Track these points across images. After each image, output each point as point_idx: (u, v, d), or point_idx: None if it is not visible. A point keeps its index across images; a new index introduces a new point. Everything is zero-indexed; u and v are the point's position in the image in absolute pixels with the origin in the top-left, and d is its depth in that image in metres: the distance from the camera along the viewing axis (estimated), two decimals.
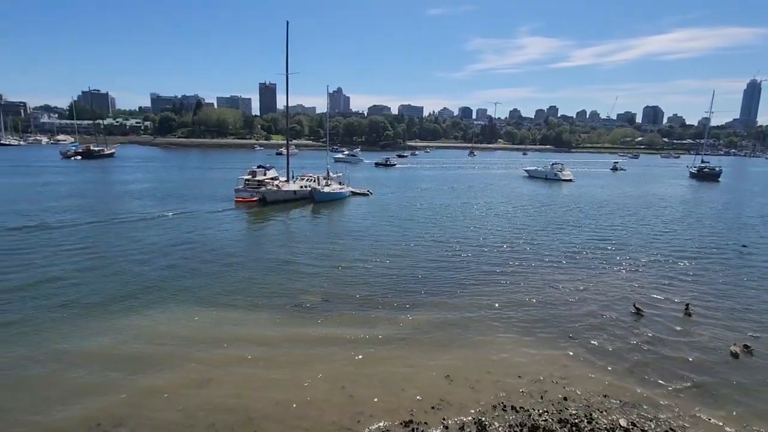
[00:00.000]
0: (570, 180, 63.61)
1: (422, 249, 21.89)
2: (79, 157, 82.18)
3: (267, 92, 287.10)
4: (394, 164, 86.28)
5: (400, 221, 29.44)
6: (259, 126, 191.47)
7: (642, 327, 13.33)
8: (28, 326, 12.23)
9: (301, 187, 38.23)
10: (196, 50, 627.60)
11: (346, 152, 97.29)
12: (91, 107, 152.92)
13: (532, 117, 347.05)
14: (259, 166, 40.90)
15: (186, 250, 20.66)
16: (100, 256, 19.11)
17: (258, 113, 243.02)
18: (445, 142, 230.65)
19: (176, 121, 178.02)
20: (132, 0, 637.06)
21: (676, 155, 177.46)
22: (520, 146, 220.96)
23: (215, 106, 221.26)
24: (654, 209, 37.88)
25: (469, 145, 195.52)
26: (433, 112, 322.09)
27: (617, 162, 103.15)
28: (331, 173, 42.41)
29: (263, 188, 35.81)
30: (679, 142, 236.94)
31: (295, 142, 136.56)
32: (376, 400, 9.22)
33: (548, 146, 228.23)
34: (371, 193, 42.85)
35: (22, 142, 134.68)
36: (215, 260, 19.21)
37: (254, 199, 35.27)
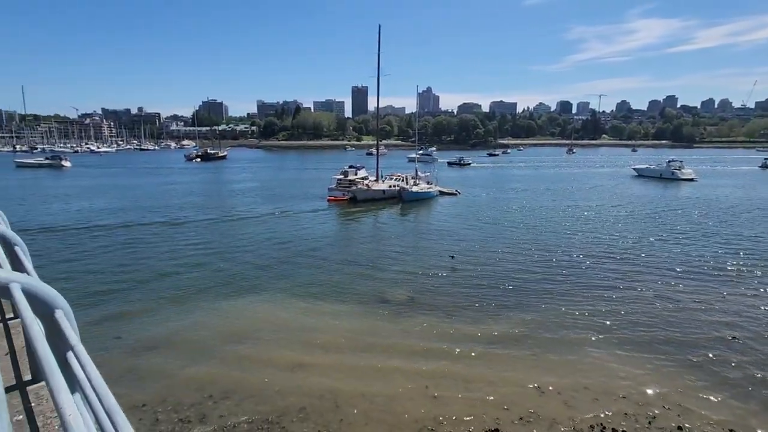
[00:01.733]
0: (691, 179, 55.31)
1: (513, 253, 20.84)
2: (198, 160, 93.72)
3: (359, 95, 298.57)
4: (469, 163, 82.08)
5: (489, 223, 28.44)
6: (351, 128, 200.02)
7: None
8: (152, 309, 14.20)
9: (390, 186, 38.96)
10: (295, 58, 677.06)
11: (420, 151, 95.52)
12: (209, 115, 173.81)
13: (644, 109, 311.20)
14: (350, 166, 42.65)
15: (282, 245, 22.27)
16: (211, 250, 21.19)
17: (350, 115, 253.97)
18: (541, 139, 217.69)
19: (278, 125, 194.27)
20: (236, 18, 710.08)
21: None
22: (629, 142, 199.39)
23: (312, 110, 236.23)
24: None
25: (568, 141, 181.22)
26: (528, 108, 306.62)
27: None
28: (419, 173, 42.59)
29: (354, 187, 37.23)
30: None
31: (384, 142, 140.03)
32: (459, 404, 9.02)
33: (664, 141, 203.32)
34: (459, 193, 42.10)
35: (156, 147, 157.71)
36: (308, 255, 20.43)
37: (345, 197, 36.83)
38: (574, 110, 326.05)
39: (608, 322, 13.02)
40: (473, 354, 11.16)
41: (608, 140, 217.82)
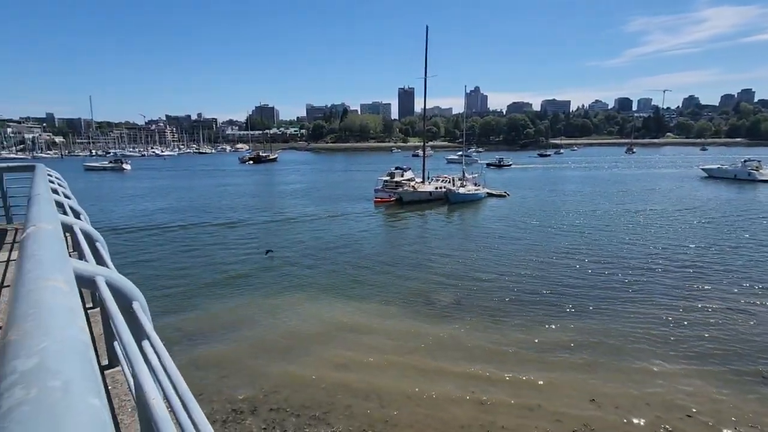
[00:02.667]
0: None
1: (566, 260, 19.91)
2: (251, 162, 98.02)
3: (405, 96, 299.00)
4: (509, 164, 78.36)
5: (539, 227, 27.36)
6: (398, 129, 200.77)
7: None
8: (207, 307, 14.99)
9: (437, 188, 38.64)
10: (342, 61, 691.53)
11: (459, 153, 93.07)
12: (261, 119, 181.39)
13: (716, 104, 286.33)
14: (397, 168, 42.76)
15: (329, 247, 22.66)
16: (262, 251, 21.50)
17: (397, 117, 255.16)
18: (597, 138, 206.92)
19: (326, 128, 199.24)
20: (286, 25, 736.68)
21: None
22: (697, 140, 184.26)
23: (359, 113, 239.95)
24: None
25: (627, 140, 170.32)
26: (582, 106, 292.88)
27: None
28: (466, 174, 41.92)
29: (400, 189, 37.30)
30: None
31: (431, 143, 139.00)
32: (508, 411, 8.76)
33: (738, 139, 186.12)
34: (508, 195, 40.96)
35: (213, 151, 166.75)
36: (353, 256, 20.69)
37: (392, 199, 36.99)
38: (634, 107, 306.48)
39: (673, 337, 12.10)
40: (522, 361, 10.80)
41: (673, 139, 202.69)
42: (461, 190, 37.74)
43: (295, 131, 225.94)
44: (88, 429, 0.70)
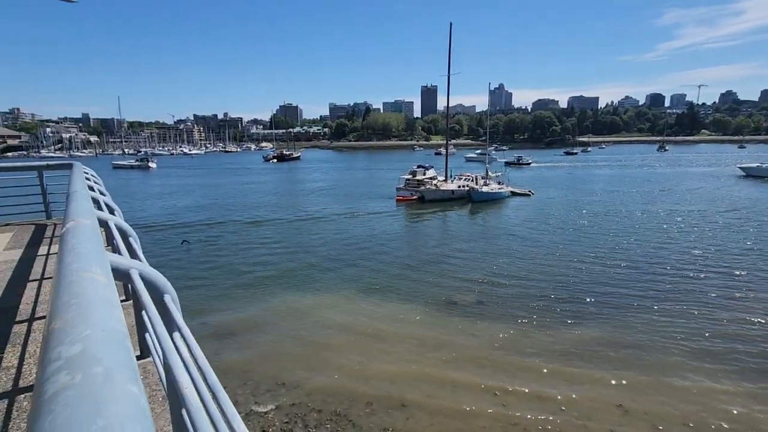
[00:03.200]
0: None
1: (593, 262, 19.35)
2: (275, 160, 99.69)
3: (428, 94, 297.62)
4: (529, 163, 76.72)
5: (564, 227, 26.73)
6: (420, 127, 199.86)
7: None
8: (230, 306, 15.31)
9: (459, 186, 38.30)
10: (365, 59, 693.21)
11: (478, 151, 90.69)
12: (285, 118, 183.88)
13: (756, 99, 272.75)
14: (419, 166, 42.61)
15: (350, 246, 22.72)
16: (283, 250, 21.95)
17: (419, 115, 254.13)
18: (626, 135, 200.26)
19: (348, 127, 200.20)
20: (309, 25, 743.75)
21: None
22: (735, 137, 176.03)
23: (381, 111, 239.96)
24: None
25: (659, 138, 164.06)
26: (612, 102, 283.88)
27: None
28: (490, 173, 41.40)
29: (422, 187, 37.15)
30: None
31: (453, 141, 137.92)
32: (531, 415, 8.61)
33: None
34: (532, 194, 40.19)
35: (238, 149, 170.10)
36: (374, 258, 20.62)
37: (414, 197, 36.88)
38: (667, 103, 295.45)
39: (708, 344, 11.61)
40: (547, 365, 10.59)
41: (708, 136, 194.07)
42: (484, 189, 37.29)
43: (318, 130, 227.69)
44: (129, 414, 0.74)
